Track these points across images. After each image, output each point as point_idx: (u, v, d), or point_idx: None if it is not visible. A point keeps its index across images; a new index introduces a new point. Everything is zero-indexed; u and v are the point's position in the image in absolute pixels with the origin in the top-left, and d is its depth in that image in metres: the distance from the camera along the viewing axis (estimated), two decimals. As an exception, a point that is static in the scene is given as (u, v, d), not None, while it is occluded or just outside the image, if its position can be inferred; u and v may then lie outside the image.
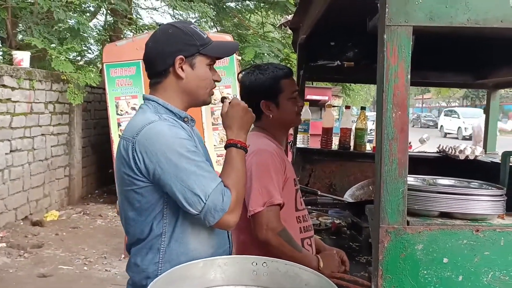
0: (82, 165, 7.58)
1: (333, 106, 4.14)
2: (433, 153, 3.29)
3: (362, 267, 1.96)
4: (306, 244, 1.85)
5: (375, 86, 1.23)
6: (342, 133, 3.14)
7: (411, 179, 1.48)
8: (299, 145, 3.16)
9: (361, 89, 18.61)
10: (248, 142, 1.55)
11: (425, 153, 3.56)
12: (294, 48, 3.45)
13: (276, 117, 1.87)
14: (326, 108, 3.51)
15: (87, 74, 6.67)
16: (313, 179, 3.14)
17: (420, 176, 1.57)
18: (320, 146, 3.20)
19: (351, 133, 3.20)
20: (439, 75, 3.04)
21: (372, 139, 6.10)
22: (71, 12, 7.36)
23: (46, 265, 4.75)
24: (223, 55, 1.58)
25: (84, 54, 9.02)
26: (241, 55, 7.58)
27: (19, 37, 7.85)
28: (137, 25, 8.68)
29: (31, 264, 4.78)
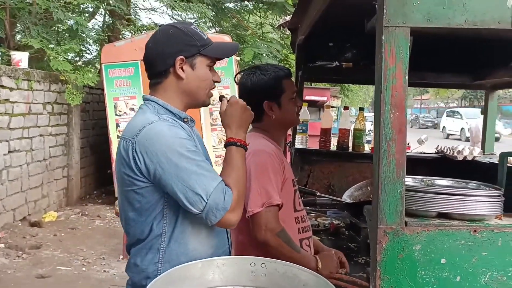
0: (80, 165, 7.56)
1: (331, 106, 4.15)
2: (431, 153, 3.30)
3: (360, 267, 1.96)
4: (304, 244, 1.85)
5: (373, 87, 1.24)
6: (340, 134, 3.15)
7: (409, 180, 1.48)
8: (298, 145, 3.16)
9: (359, 89, 18.62)
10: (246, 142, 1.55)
11: (423, 153, 3.57)
12: (292, 48, 3.46)
13: (278, 118, 1.87)
14: (324, 108, 3.52)
15: (85, 74, 6.65)
16: (311, 179, 3.14)
17: (418, 176, 1.57)
18: (318, 146, 3.21)
19: (349, 134, 3.21)
20: (437, 76, 3.05)
21: (370, 139, 6.09)
22: (70, 12, 7.35)
23: (44, 266, 4.74)
24: (224, 56, 1.58)
25: (82, 54, 9.02)
26: (240, 56, 7.60)
27: (18, 38, 7.85)
28: (136, 25, 8.68)
29: (30, 265, 4.77)
